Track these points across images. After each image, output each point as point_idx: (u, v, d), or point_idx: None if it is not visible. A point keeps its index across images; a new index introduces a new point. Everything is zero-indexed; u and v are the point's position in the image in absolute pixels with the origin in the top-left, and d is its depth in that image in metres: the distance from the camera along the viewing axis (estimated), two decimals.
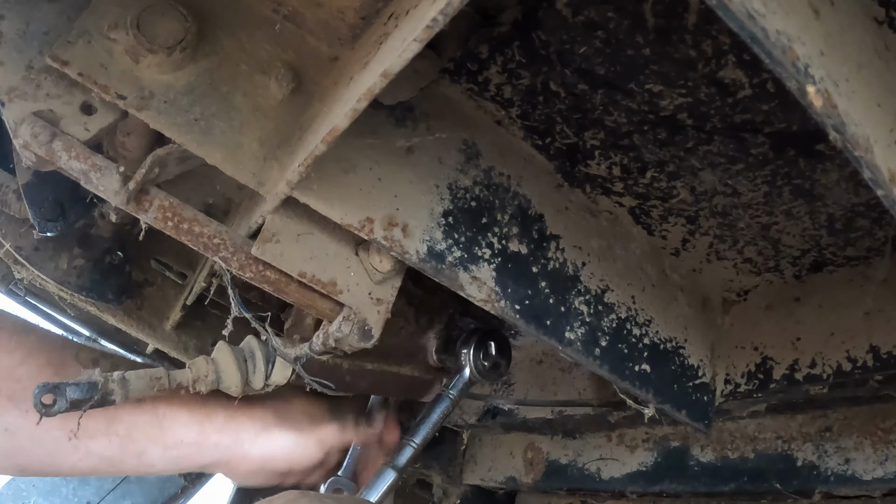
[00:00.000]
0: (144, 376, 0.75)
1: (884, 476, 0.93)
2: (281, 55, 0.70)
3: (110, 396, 0.72)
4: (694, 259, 0.99)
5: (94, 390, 0.71)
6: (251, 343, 0.89)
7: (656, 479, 1.21)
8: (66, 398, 0.69)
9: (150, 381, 0.76)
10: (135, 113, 0.64)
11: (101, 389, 0.71)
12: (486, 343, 0.99)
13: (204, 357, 0.84)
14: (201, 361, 0.83)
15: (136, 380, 0.74)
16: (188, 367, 0.82)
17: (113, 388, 0.72)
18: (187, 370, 0.82)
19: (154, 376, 0.76)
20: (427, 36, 0.46)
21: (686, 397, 0.95)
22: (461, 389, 0.98)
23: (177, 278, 1.13)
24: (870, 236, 0.84)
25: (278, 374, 0.89)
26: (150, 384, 0.76)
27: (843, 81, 0.46)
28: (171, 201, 0.71)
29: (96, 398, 0.71)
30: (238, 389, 0.87)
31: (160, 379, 0.77)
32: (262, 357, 0.88)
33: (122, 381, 0.73)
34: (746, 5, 0.39)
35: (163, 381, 0.77)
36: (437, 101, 0.79)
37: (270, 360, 0.89)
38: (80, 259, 0.98)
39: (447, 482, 1.60)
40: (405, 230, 0.73)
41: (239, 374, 0.86)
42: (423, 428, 0.97)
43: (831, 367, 0.87)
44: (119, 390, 0.72)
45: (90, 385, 0.71)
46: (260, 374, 0.88)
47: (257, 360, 0.88)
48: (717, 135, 0.74)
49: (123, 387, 0.73)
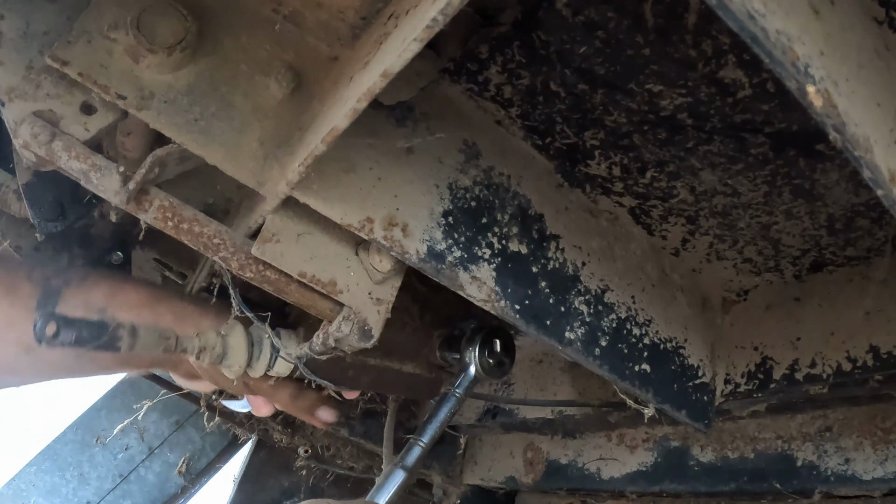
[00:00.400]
0: (154, 332, 0.74)
1: (884, 476, 0.93)
2: (281, 55, 0.70)
3: (117, 342, 0.70)
4: (694, 259, 0.99)
5: (104, 331, 0.69)
6: (261, 332, 0.89)
7: (656, 479, 1.21)
8: (73, 331, 0.67)
9: (158, 338, 0.75)
10: (135, 113, 0.64)
11: (110, 332, 0.69)
12: (492, 341, 0.98)
13: (216, 330, 0.84)
14: (211, 334, 0.83)
15: (146, 333, 0.73)
16: (197, 335, 0.82)
17: (122, 335, 0.71)
18: (195, 338, 0.81)
19: (163, 335, 0.75)
20: (427, 36, 0.46)
21: (686, 397, 0.95)
22: (467, 388, 0.98)
23: (177, 278, 1.13)
24: (870, 236, 0.84)
25: (281, 366, 0.89)
26: (158, 342, 0.75)
27: (843, 81, 0.46)
28: (171, 201, 0.71)
29: (103, 339, 0.69)
30: (239, 370, 0.86)
31: (168, 339, 0.76)
32: (269, 346, 0.88)
33: (132, 330, 0.71)
34: (746, 5, 0.39)
35: (170, 342, 0.76)
36: (437, 101, 0.79)
37: (275, 352, 0.89)
38: (80, 259, 0.98)
39: (447, 482, 1.61)
40: (405, 230, 0.73)
41: (245, 354, 0.85)
42: (431, 427, 0.96)
43: (831, 366, 0.87)
44: (127, 338, 0.71)
45: (100, 325, 0.69)
46: (264, 360, 0.87)
47: (264, 348, 0.87)
48: (717, 135, 0.74)
49: (132, 335, 0.71)
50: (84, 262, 0.98)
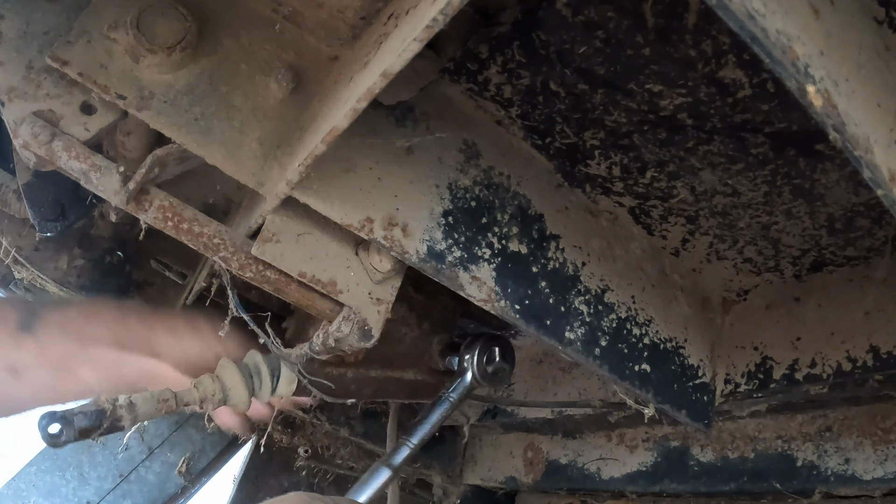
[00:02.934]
0: (151, 399, 0.75)
1: (884, 476, 0.93)
2: (281, 55, 0.70)
3: (119, 422, 0.72)
4: (694, 259, 0.99)
5: (103, 417, 0.70)
6: (255, 358, 0.89)
7: (656, 479, 1.21)
8: (75, 427, 0.69)
9: (157, 403, 0.75)
10: (135, 113, 0.64)
11: (109, 416, 0.71)
12: (490, 349, 0.99)
13: (209, 375, 0.84)
14: (207, 380, 0.83)
15: (144, 403, 0.74)
16: (194, 385, 0.82)
17: (122, 414, 0.72)
18: (193, 389, 0.81)
19: (161, 398, 0.76)
20: (427, 36, 0.46)
21: (686, 397, 0.95)
22: (462, 393, 0.98)
23: (177, 278, 1.13)
24: (870, 236, 0.84)
25: (284, 387, 0.89)
26: (158, 406, 0.75)
27: (843, 81, 0.46)
28: (171, 201, 0.71)
29: (105, 425, 0.70)
30: (246, 406, 0.87)
31: (167, 400, 0.76)
32: (267, 372, 0.88)
33: (130, 405, 0.72)
34: (746, 5, 0.39)
35: (170, 403, 0.77)
36: (437, 101, 0.79)
37: (275, 373, 0.89)
38: (80, 259, 0.98)
39: (447, 482, 1.60)
40: (405, 230, 0.73)
41: (246, 390, 0.86)
42: (421, 429, 0.97)
43: (831, 366, 0.87)
44: (127, 415, 0.72)
45: (99, 412, 0.70)
46: (266, 388, 0.88)
47: (263, 376, 0.88)
48: (717, 135, 0.74)
49: (131, 411, 0.72)
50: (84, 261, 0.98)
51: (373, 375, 0.96)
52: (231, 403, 0.85)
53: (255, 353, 0.90)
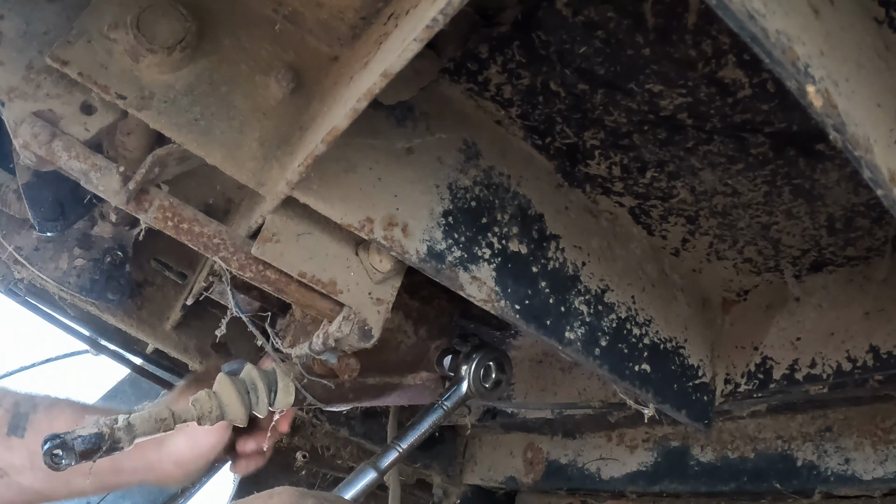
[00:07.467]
0: (149, 418, 0.75)
1: (884, 476, 0.93)
2: (281, 55, 0.70)
3: (118, 444, 0.72)
4: (694, 259, 0.99)
5: (102, 440, 0.70)
6: (252, 373, 0.88)
7: (656, 479, 1.21)
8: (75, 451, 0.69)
9: (154, 422, 0.75)
10: (135, 113, 0.64)
11: (108, 439, 0.71)
12: (487, 363, 0.99)
13: (206, 392, 0.84)
14: (204, 397, 0.83)
15: (142, 423, 0.74)
16: (191, 403, 0.82)
17: (120, 436, 0.72)
18: (191, 407, 0.81)
19: (158, 417, 0.76)
20: (427, 36, 0.46)
21: (686, 397, 0.95)
22: (456, 402, 0.98)
23: (177, 278, 1.13)
24: (870, 236, 0.84)
25: (281, 400, 0.89)
26: (156, 426, 0.76)
27: (843, 81, 0.46)
28: (171, 201, 0.71)
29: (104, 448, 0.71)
30: (244, 421, 0.87)
31: (165, 420, 0.76)
32: (264, 387, 0.87)
33: (128, 426, 0.73)
34: (746, 5, 0.39)
35: (167, 421, 0.77)
36: (437, 101, 0.79)
37: (272, 387, 0.89)
38: (80, 259, 0.98)
39: (447, 482, 1.60)
40: (405, 230, 0.73)
41: (243, 406, 0.85)
42: (411, 435, 0.97)
43: (831, 366, 0.87)
44: (126, 437, 0.72)
45: (97, 436, 0.70)
46: (263, 403, 0.88)
47: (259, 391, 0.87)
48: (717, 135, 0.74)
49: (129, 432, 0.73)
50: (84, 261, 0.98)
51: (371, 384, 0.96)
52: (229, 419, 0.85)
53: (251, 368, 0.90)
